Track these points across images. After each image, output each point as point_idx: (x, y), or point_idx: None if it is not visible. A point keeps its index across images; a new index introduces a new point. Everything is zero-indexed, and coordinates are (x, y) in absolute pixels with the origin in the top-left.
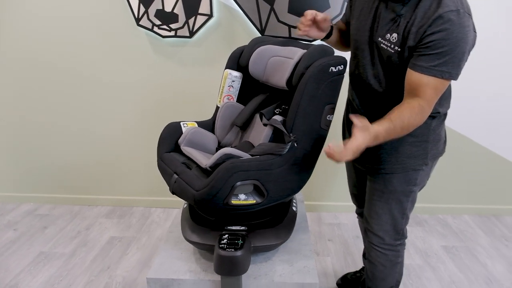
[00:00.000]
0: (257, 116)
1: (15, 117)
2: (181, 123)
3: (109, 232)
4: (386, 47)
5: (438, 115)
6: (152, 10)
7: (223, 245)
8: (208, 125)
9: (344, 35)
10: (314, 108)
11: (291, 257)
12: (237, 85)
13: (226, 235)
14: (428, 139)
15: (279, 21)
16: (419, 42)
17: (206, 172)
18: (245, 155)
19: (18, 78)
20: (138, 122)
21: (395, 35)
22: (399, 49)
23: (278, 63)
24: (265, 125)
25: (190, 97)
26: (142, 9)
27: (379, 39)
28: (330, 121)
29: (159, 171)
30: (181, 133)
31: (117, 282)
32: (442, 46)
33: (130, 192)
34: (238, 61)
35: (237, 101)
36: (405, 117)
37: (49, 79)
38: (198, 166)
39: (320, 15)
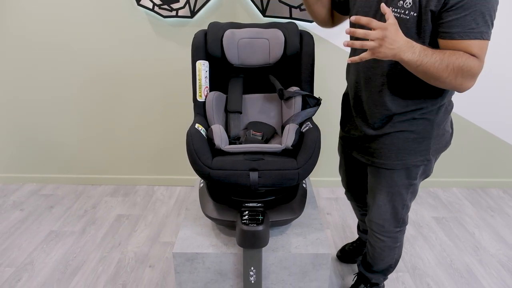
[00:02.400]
0: (246, 97)
1: (16, 97)
2: (197, 127)
3: (116, 210)
4: (399, 15)
5: (441, 108)
6: None
7: (245, 221)
8: (205, 122)
9: (323, 4)
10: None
11: (303, 231)
12: (208, 74)
13: (247, 212)
14: (431, 135)
15: (280, 1)
16: (445, 6)
17: (281, 153)
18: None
19: (18, 57)
20: (139, 101)
21: (409, 1)
22: (415, 14)
23: (252, 45)
24: (285, 99)
25: (190, 77)
26: None
27: (391, 8)
28: None
29: (211, 181)
30: (203, 136)
31: (129, 257)
32: (475, 4)
33: (133, 171)
34: (206, 50)
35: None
36: (460, 54)
37: (48, 58)
38: (265, 153)
39: None
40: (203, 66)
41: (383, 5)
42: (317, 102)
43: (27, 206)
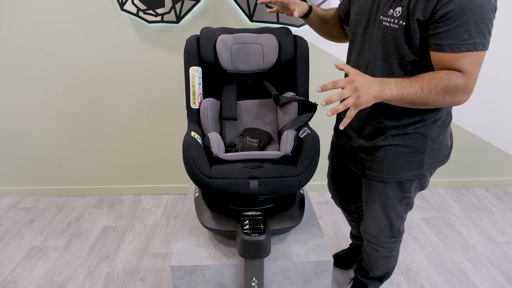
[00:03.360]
0: (241, 103)
1: None
2: (193, 135)
3: (101, 222)
4: (389, 24)
5: (437, 122)
6: None
7: (246, 231)
8: (199, 130)
9: (330, 24)
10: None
11: (303, 238)
12: (201, 80)
13: (247, 221)
14: (424, 150)
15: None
16: (433, 17)
17: (280, 160)
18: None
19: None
20: (123, 108)
21: (399, 9)
22: (403, 23)
23: (245, 50)
24: (281, 104)
25: (177, 83)
26: None
27: (381, 17)
28: None
29: (210, 190)
30: (200, 145)
31: (118, 271)
32: (466, 14)
33: (118, 180)
34: (199, 56)
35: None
36: (441, 76)
37: (26, 65)
38: (264, 161)
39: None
40: (196, 73)
41: (336, 64)
42: (313, 107)
43: (5, 220)
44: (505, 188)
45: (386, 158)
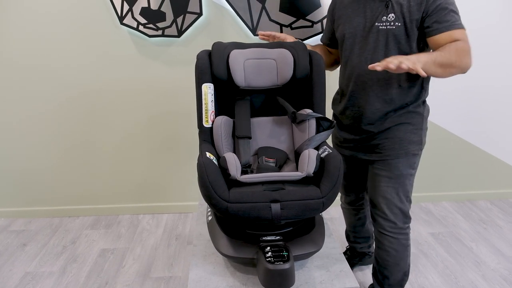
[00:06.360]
0: (254, 120)
1: None
2: (209, 156)
3: (98, 244)
4: (385, 27)
5: (424, 104)
6: (137, 8)
7: (269, 259)
8: (213, 150)
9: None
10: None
11: (324, 262)
12: (214, 98)
13: (268, 247)
14: (422, 127)
15: (270, 20)
16: (426, 11)
17: (301, 181)
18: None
19: None
20: (119, 124)
21: (391, 15)
22: (399, 24)
23: (259, 65)
24: (298, 122)
25: (177, 99)
26: (126, 7)
27: (376, 23)
28: None
29: (229, 215)
30: (216, 166)
31: None
32: (448, 4)
33: (114, 199)
34: (211, 72)
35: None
36: (449, 44)
37: (22, 80)
38: (285, 182)
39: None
40: (209, 89)
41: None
42: (331, 124)
43: None
44: (509, 201)
45: (396, 137)
